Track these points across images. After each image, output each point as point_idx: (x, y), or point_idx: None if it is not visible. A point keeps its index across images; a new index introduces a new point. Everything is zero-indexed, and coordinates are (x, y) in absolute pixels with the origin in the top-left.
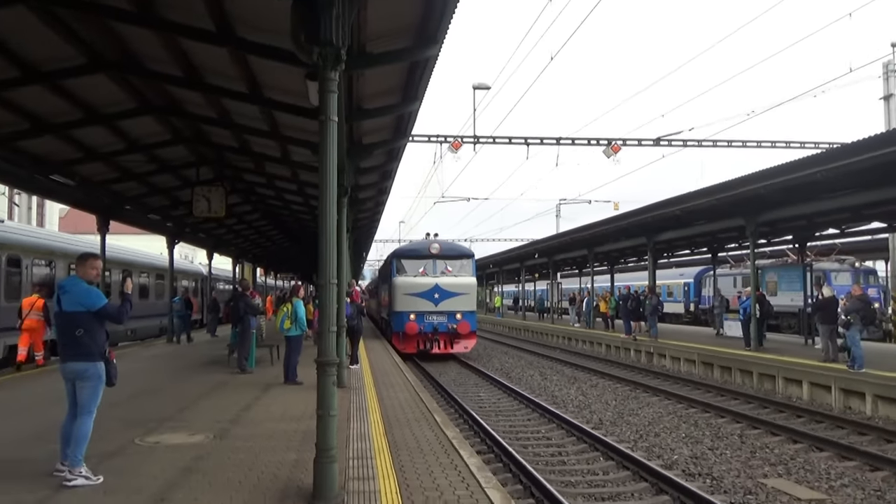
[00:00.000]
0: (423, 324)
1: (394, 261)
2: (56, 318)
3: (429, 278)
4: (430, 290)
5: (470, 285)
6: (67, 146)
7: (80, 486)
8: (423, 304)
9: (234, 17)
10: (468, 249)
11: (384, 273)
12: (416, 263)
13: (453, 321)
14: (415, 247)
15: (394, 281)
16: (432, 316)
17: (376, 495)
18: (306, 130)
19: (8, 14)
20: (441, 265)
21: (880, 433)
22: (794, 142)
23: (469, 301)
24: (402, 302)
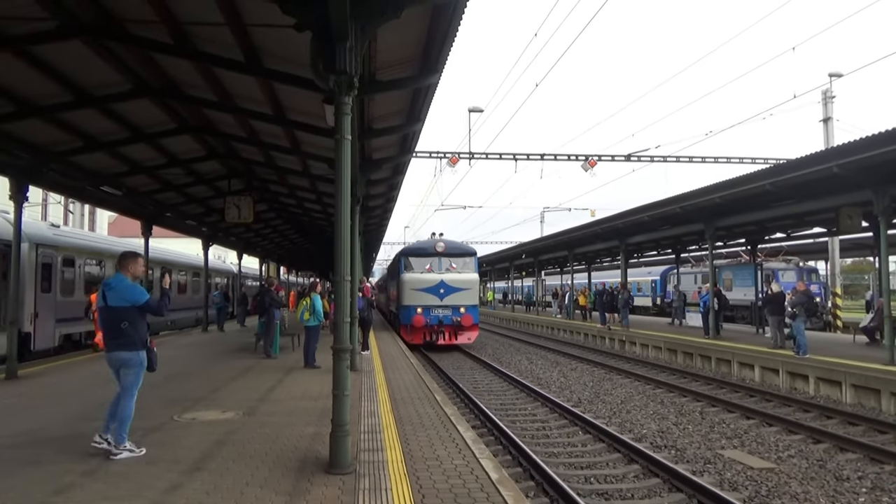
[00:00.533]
0: (430, 317)
1: (402, 258)
2: (102, 312)
3: (435, 275)
4: (436, 286)
5: (473, 281)
6: (116, 161)
7: (125, 458)
8: (429, 298)
9: (260, 49)
10: (471, 248)
11: (393, 270)
12: (423, 261)
13: (457, 314)
14: (421, 245)
15: (402, 277)
16: (438, 309)
17: (384, 464)
18: (323, 147)
19: (65, 47)
20: (446, 262)
21: (822, 410)
22: (746, 158)
23: (472, 296)
24: (410, 296)
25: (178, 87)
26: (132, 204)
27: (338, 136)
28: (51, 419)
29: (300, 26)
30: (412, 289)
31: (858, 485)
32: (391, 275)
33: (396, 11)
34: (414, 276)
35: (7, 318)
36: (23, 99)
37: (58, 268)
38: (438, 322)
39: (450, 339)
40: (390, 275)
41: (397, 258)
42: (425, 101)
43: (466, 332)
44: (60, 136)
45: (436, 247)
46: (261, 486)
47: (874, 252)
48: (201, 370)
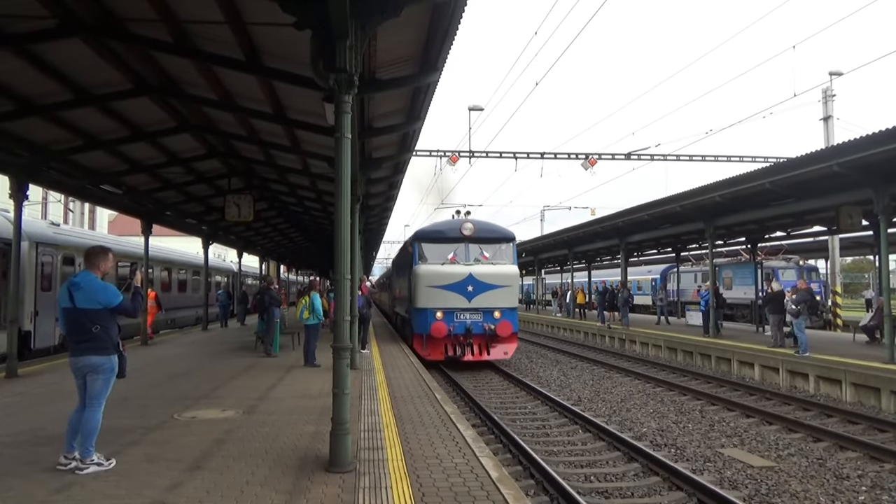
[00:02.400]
0: (454, 324)
1: (415, 245)
2: (68, 313)
3: (461, 267)
4: (463, 282)
5: (511, 275)
6: (116, 159)
7: (93, 472)
8: (453, 299)
9: (260, 48)
10: (508, 231)
11: (401, 261)
12: (444, 248)
13: (491, 320)
14: (442, 227)
15: (415, 270)
16: (465, 314)
17: (384, 463)
18: (323, 146)
19: (65, 45)
20: (475, 250)
21: (822, 409)
22: (746, 156)
23: (510, 295)
24: (426, 296)
25: (178, 85)
26: (132, 202)
27: (338, 135)
28: (51, 418)
29: (300, 25)
30: (430, 286)
31: (858, 483)
32: (399, 268)
33: (396, 10)
34: (432, 268)
35: (7, 317)
36: (23, 97)
37: (58, 266)
38: (465, 331)
39: (480, 354)
40: (397, 268)
41: (408, 244)
42: (425, 99)
43: (503, 344)
44: (60, 135)
45: (462, 229)
46: (261, 484)
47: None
48: (201, 369)
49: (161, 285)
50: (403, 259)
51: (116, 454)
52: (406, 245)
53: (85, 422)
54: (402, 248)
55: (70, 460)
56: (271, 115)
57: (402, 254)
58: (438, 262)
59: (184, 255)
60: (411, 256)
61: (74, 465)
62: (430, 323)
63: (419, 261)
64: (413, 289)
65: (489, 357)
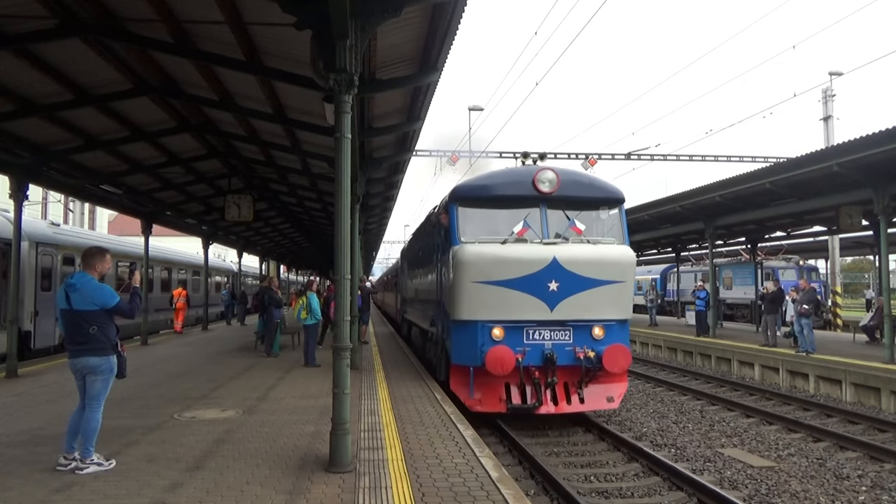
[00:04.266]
0: (524, 349)
1: (453, 210)
2: (65, 315)
3: (536, 247)
4: (541, 275)
5: (624, 263)
6: (116, 160)
7: (93, 472)
8: (522, 304)
9: (260, 48)
10: (612, 186)
11: (423, 243)
12: (505, 216)
13: (589, 342)
14: (500, 179)
15: (454, 254)
16: (544, 331)
17: (384, 463)
18: (323, 146)
19: (65, 45)
20: (558, 220)
21: (822, 409)
22: (746, 156)
23: (621, 298)
24: (475, 300)
25: (178, 85)
26: (132, 202)
27: (338, 135)
28: (51, 418)
29: (300, 25)
30: (481, 281)
31: (858, 483)
32: (417, 254)
33: (397, 10)
34: (486, 251)
35: (7, 317)
36: (23, 97)
37: (58, 267)
38: (545, 361)
39: (563, 404)
40: (414, 254)
41: (441, 211)
42: (425, 99)
43: (607, 384)
44: (60, 135)
45: (536, 182)
46: (261, 484)
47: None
48: (201, 369)
49: (161, 285)
50: (427, 238)
51: (116, 454)
52: (434, 215)
53: (85, 422)
54: (426, 222)
55: (70, 460)
56: (271, 115)
57: (426, 231)
58: (495, 238)
59: (184, 255)
60: (445, 231)
61: (74, 466)
62: (482, 347)
63: (461, 237)
64: (450, 287)
65: (584, 408)
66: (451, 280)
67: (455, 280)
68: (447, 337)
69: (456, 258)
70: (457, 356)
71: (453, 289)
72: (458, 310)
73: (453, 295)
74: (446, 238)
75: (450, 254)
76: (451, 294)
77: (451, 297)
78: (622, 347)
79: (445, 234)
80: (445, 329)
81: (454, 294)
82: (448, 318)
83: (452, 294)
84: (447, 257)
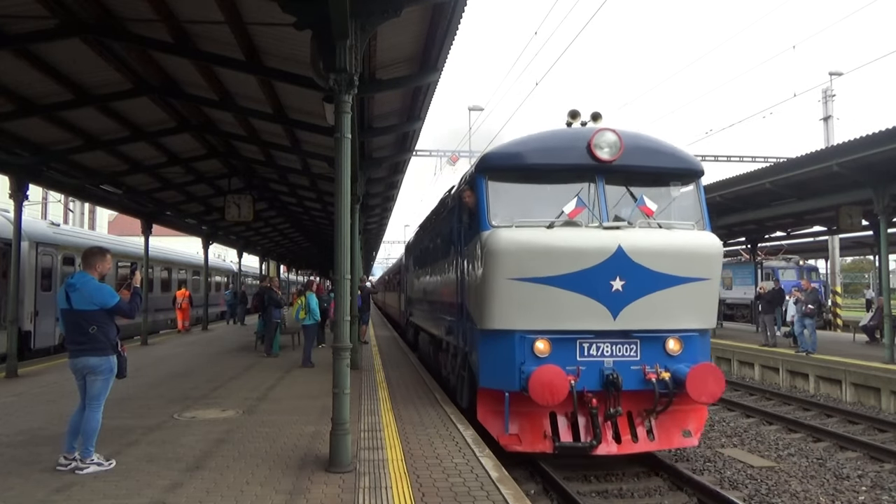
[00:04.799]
0: (579, 367)
1: (481, 183)
2: (66, 315)
3: (593, 232)
4: (601, 270)
5: (709, 254)
6: (116, 160)
7: (93, 472)
8: (574, 308)
9: (260, 48)
10: (689, 155)
11: (437, 228)
12: (550, 193)
13: (662, 358)
14: (544, 143)
15: (483, 242)
16: (603, 344)
17: (384, 463)
18: (323, 146)
19: (65, 45)
20: (618, 197)
21: (822, 409)
22: (746, 156)
23: (705, 299)
24: (510, 303)
25: (178, 85)
26: (132, 202)
27: (338, 135)
28: (51, 418)
29: (300, 25)
30: (517, 278)
31: (858, 483)
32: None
33: (397, 10)
34: (526, 237)
35: (7, 317)
36: (23, 97)
37: (58, 267)
38: (606, 384)
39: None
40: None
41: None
42: (425, 99)
43: (681, 414)
44: (60, 135)
45: (592, 146)
46: (261, 484)
47: (874, 250)
48: (201, 369)
49: (161, 285)
50: (442, 226)
51: (116, 454)
52: (451, 196)
53: (85, 422)
54: (439, 207)
55: (70, 460)
56: (271, 115)
57: (439, 218)
58: (537, 222)
59: (184, 255)
60: (469, 213)
61: (74, 465)
62: (521, 367)
63: (491, 219)
64: (476, 286)
65: (655, 446)
66: (477, 277)
67: (484, 277)
68: (472, 351)
69: (486, 248)
70: (486, 377)
71: (482, 288)
72: (489, 316)
73: (482, 296)
74: (471, 222)
75: (476, 242)
76: (477, 295)
77: (479, 298)
78: (713, 369)
79: (469, 218)
80: (469, 340)
81: (483, 295)
82: (473, 327)
83: (480, 295)
84: (472, 247)
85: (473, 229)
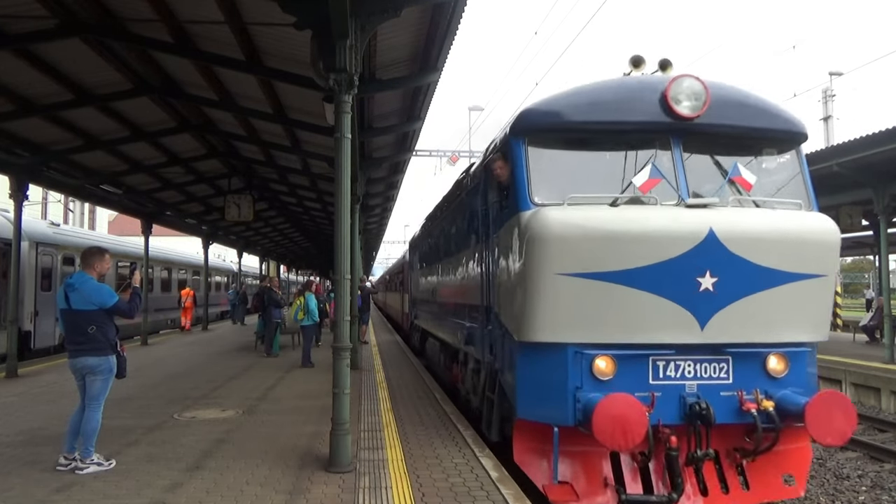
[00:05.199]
0: (653, 393)
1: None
2: (65, 315)
3: (676, 212)
4: (685, 262)
5: (824, 242)
6: (116, 159)
7: (93, 472)
8: (647, 313)
9: (260, 48)
10: (789, 113)
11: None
12: (609, 162)
13: (763, 382)
14: (604, 96)
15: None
16: (684, 362)
17: (384, 463)
18: (323, 146)
19: (65, 45)
20: (705, 167)
21: None
22: None
23: (818, 301)
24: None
25: (178, 85)
26: (132, 202)
27: (338, 135)
28: (51, 418)
29: (300, 25)
30: (571, 273)
31: (858, 483)
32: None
33: (396, 10)
34: (583, 218)
35: (7, 317)
36: (23, 97)
37: (58, 267)
38: (690, 417)
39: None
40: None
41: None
42: (425, 99)
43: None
44: (60, 135)
45: (670, 97)
46: (261, 484)
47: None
48: (201, 369)
49: (161, 285)
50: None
51: (116, 454)
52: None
53: (85, 422)
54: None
55: (70, 460)
56: (271, 115)
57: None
58: (597, 197)
59: (184, 255)
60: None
61: (74, 465)
62: (576, 393)
63: (533, 196)
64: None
65: (752, 499)
66: (514, 272)
67: (525, 272)
68: (505, 369)
69: (528, 233)
70: (526, 406)
71: (521, 287)
72: (531, 324)
73: (521, 298)
74: (503, 201)
75: (513, 227)
76: (514, 296)
77: (516, 301)
78: (840, 399)
79: (501, 196)
80: (501, 355)
81: (523, 296)
82: (505, 338)
83: (519, 296)
84: (505, 234)
85: (508, 210)
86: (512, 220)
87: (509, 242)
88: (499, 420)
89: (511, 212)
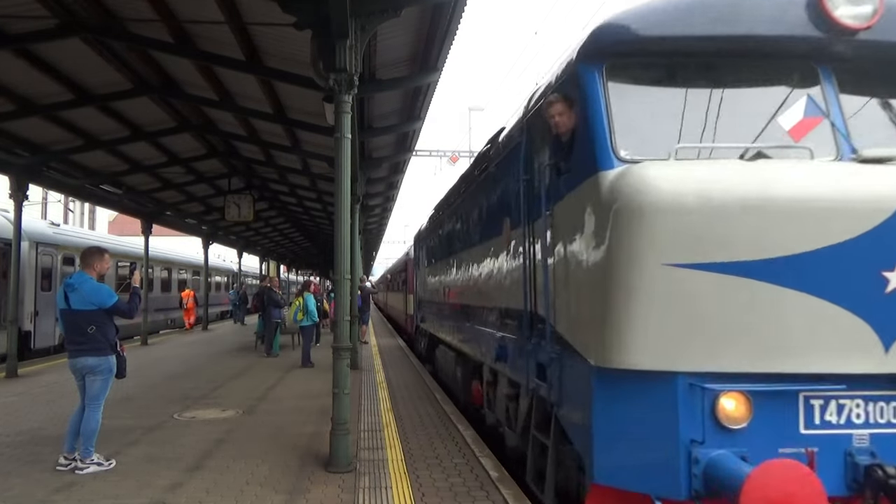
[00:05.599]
0: (809, 449)
1: (597, 83)
2: (65, 315)
3: (840, 168)
4: (858, 250)
5: None
6: (116, 159)
7: (93, 472)
8: (803, 325)
9: (260, 48)
10: None
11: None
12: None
13: None
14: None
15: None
16: (853, 402)
17: (384, 463)
18: (323, 146)
19: (65, 45)
20: (870, 107)
21: None
22: None
23: None
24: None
25: (178, 85)
26: (132, 202)
27: (337, 135)
28: (51, 418)
29: (300, 25)
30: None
31: None
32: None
33: (396, 10)
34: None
35: (7, 317)
36: (23, 97)
37: (58, 267)
38: (869, 486)
39: None
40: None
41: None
42: (425, 99)
43: None
44: (60, 135)
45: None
46: (261, 484)
47: None
48: (201, 369)
49: (161, 285)
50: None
51: (116, 454)
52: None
53: (85, 422)
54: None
55: (70, 460)
56: (271, 115)
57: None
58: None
59: (184, 255)
60: (566, 140)
61: (74, 465)
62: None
63: (618, 148)
64: (582, 279)
65: None
66: (587, 264)
67: (611, 263)
68: (570, 405)
69: (619, 201)
70: (609, 464)
71: (602, 286)
72: (619, 342)
73: (601, 302)
74: (565, 162)
75: (586, 196)
76: (586, 300)
77: (591, 307)
78: None
79: (561, 155)
80: (560, 383)
81: (605, 300)
82: (571, 360)
83: (597, 300)
84: (572, 207)
85: (574, 173)
86: (583, 186)
87: (578, 219)
88: (558, 476)
89: (580, 174)
